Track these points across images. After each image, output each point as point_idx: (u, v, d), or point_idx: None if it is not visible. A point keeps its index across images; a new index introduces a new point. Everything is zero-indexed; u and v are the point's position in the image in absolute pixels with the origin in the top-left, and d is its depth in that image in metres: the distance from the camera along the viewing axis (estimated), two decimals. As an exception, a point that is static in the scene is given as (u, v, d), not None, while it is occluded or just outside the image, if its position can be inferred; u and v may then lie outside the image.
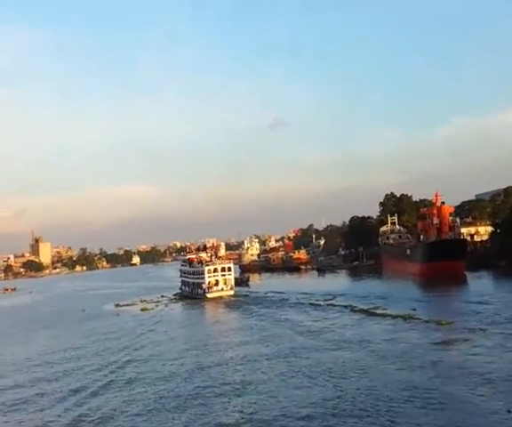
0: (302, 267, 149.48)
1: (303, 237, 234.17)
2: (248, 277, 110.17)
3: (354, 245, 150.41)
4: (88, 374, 39.49)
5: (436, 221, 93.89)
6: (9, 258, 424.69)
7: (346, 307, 59.06)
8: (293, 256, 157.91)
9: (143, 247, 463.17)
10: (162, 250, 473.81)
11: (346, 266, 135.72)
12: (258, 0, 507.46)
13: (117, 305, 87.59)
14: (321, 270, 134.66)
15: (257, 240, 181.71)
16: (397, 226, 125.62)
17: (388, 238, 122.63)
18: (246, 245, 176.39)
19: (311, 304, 65.15)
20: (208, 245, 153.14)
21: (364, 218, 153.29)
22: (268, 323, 54.92)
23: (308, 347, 40.94)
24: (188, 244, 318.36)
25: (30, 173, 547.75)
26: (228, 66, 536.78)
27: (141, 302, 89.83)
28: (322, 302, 65.38)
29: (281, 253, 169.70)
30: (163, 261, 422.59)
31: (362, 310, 55.41)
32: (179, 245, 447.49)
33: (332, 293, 74.21)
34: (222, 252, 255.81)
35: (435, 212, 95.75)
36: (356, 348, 39.11)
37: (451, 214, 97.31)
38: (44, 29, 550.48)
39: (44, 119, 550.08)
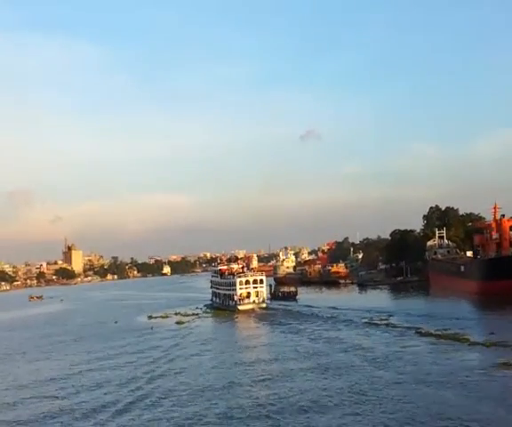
0: (341, 281, 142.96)
1: (338, 251, 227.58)
2: (296, 291, 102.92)
3: (395, 260, 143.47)
4: (123, 400, 34.25)
5: (495, 235, 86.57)
6: (41, 265, 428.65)
7: (409, 328, 52.10)
8: (331, 270, 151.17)
9: (173, 257, 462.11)
10: (192, 260, 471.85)
11: (388, 281, 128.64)
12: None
13: (150, 317, 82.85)
14: (362, 285, 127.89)
15: (292, 252, 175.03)
16: (446, 240, 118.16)
17: (435, 253, 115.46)
18: (282, 257, 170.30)
19: (366, 323, 58.45)
20: (239, 257, 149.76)
21: (406, 231, 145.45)
22: (323, 346, 48.02)
23: (383, 381, 33.98)
24: (217, 255, 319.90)
25: (65, 181, 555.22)
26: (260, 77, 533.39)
27: (175, 314, 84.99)
28: (378, 321, 58.85)
29: (318, 267, 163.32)
30: (193, 271, 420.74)
31: (430, 334, 48.24)
32: (209, 255, 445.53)
33: (383, 310, 68.85)
34: (255, 263, 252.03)
35: (493, 225, 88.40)
36: (451, 387, 31.45)
37: (511, 228, 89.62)
38: (99, 44, 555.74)
39: (80, 128, 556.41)
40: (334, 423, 27.11)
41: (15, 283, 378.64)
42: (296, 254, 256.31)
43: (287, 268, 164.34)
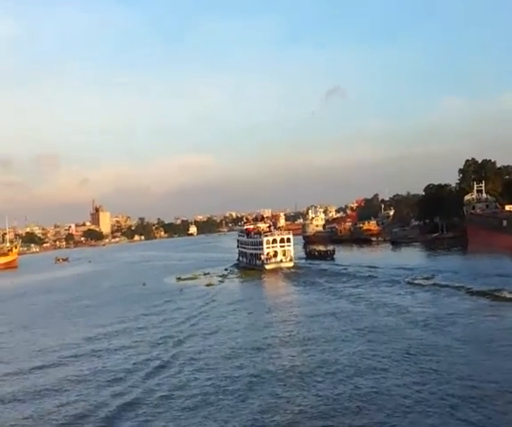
0: (373, 239, 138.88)
1: (367, 208, 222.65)
2: (334, 249, 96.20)
3: (429, 216, 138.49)
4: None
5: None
6: (70, 227, 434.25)
7: (457, 288, 47.96)
8: (363, 227, 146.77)
9: (199, 217, 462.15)
10: (218, 220, 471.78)
11: (423, 238, 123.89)
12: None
13: (179, 279, 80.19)
14: (396, 243, 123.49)
15: (322, 210, 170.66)
16: (484, 194, 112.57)
17: (473, 208, 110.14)
18: (310, 215, 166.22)
19: (409, 283, 54.35)
20: (265, 216, 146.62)
21: (440, 186, 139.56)
22: (365, 308, 44.20)
23: (440, 349, 30.12)
24: (243, 214, 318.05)
25: (92, 144, 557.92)
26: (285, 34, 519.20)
27: (204, 275, 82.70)
28: (421, 281, 54.58)
29: (348, 224, 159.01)
30: (219, 231, 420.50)
31: (483, 294, 44.04)
32: (234, 215, 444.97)
33: (424, 269, 64.92)
34: (282, 222, 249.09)
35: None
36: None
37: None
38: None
39: (106, 91, 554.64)
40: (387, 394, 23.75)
41: (44, 245, 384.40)
42: (324, 212, 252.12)
43: (316, 226, 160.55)
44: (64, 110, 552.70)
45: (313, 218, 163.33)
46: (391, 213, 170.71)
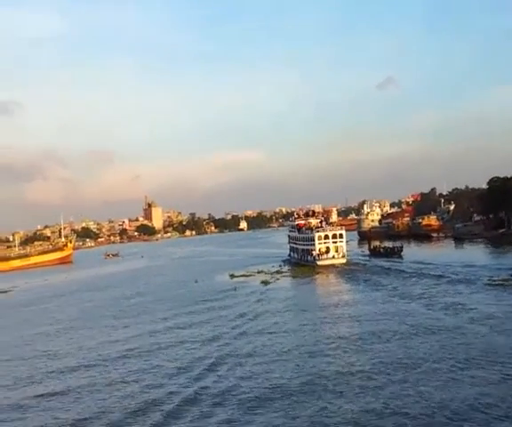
0: (433, 235, 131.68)
1: (424, 202, 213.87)
2: (402, 246, 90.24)
3: (493, 210, 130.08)
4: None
5: None
6: (124, 222, 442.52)
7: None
8: (422, 222, 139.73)
9: (249, 213, 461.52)
10: (268, 215, 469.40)
11: (488, 234, 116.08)
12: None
13: (232, 276, 77.32)
14: (459, 239, 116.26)
15: (378, 205, 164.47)
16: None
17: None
18: (366, 210, 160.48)
19: (489, 284, 48.57)
20: (316, 211, 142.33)
21: (506, 179, 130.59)
22: (441, 313, 39.22)
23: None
24: (293, 209, 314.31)
25: (143, 139, 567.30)
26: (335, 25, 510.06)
27: (258, 272, 79.38)
28: (502, 282, 48.73)
29: (406, 219, 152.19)
30: (269, 226, 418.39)
31: None
32: (284, 210, 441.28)
33: (499, 267, 59.05)
34: (334, 217, 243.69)
35: None
36: None
37: None
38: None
39: (156, 87, 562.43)
40: None
41: (99, 239, 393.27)
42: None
43: (372, 221, 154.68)
44: (116, 106, 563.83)
45: (368, 213, 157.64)
46: (451, 207, 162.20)
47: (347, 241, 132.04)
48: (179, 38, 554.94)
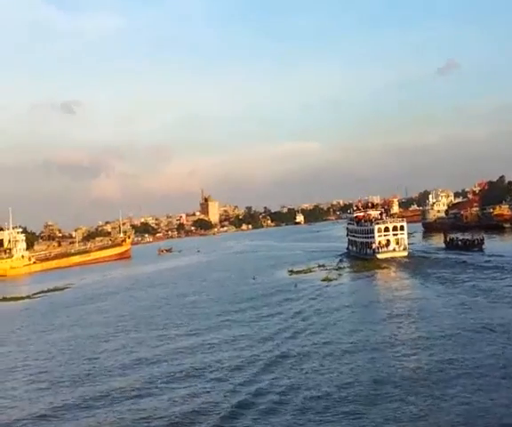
0: (506, 225, 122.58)
1: (492, 192, 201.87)
2: (483, 238, 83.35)
3: None
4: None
5: None
6: (181, 217, 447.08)
7: None
8: (493, 212, 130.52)
9: (306, 206, 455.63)
10: (325, 208, 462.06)
11: None
12: None
13: (291, 272, 73.04)
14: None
15: (444, 195, 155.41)
16: None
17: None
18: (431, 200, 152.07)
19: None
20: (375, 202, 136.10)
21: None
22: None
23: None
24: (351, 201, 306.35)
25: (199, 132, 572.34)
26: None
27: (318, 267, 74.97)
28: None
29: (475, 209, 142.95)
30: (326, 219, 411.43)
31: None
32: (342, 202, 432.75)
33: None
34: (395, 209, 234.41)
35: None
36: None
37: None
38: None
39: (209, 81, 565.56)
40: None
41: (157, 235, 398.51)
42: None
43: (438, 212, 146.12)
44: (172, 101, 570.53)
45: (434, 203, 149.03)
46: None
47: (411, 233, 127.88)
48: (232, 32, 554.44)
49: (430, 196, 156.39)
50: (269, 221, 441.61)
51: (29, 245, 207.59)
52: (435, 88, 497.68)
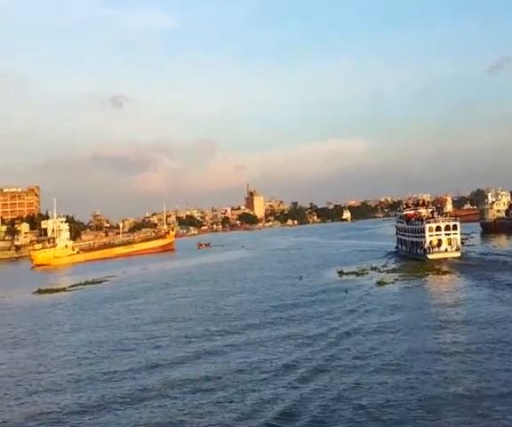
0: None
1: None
2: None
3: None
4: None
5: None
6: (226, 211, 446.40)
7: None
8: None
9: (353, 202, 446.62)
10: (372, 205, 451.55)
11: None
12: None
13: (341, 273, 67.08)
14: None
15: (505, 193, 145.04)
16: None
17: None
18: (490, 198, 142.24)
19: None
20: (426, 201, 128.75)
21: None
22: None
23: None
24: (399, 199, 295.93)
25: (245, 128, 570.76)
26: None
27: (372, 269, 69.01)
28: None
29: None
30: (374, 216, 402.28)
31: None
32: (390, 200, 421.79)
33: None
34: (449, 207, 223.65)
35: None
36: None
37: None
38: None
39: (254, 79, 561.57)
40: None
41: (203, 227, 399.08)
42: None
43: (498, 211, 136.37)
44: (220, 97, 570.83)
45: (493, 202, 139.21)
46: None
47: (468, 234, 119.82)
48: (277, 30, 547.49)
49: (489, 194, 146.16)
50: (315, 217, 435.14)
51: (76, 235, 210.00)
52: (484, 86, 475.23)
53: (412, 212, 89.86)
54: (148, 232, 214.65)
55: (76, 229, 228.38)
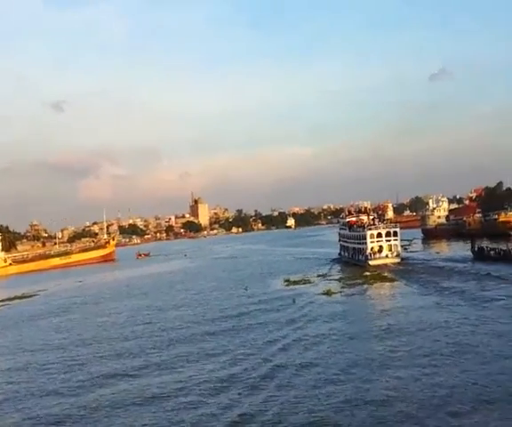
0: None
1: (489, 198, 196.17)
2: None
3: None
4: None
5: None
6: (170, 219, 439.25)
7: None
8: (498, 219, 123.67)
9: (296, 209, 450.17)
10: (316, 212, 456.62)
11: None
12: None
13: (288, 282, 65.05)
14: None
15: (445, 200, 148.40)
16: None
17: None
18: (431, 205, 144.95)
19: None
20: (368, 208, 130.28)
21: None
22: None
23: None
24: (342, 206, 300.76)
25: (191, 135, 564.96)
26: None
27: (318, 276, 67.33)
28: None
29: (478, 216, 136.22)
30: (317, 223, 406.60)
31: None
32: (333, 207, 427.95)
33: None
34: (390, 214, 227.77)
35: None
36: None
37: None
38: None
39: (204, 84, 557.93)
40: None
41: (146, 236, 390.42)
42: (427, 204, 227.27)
43: (438, 217, 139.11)
44: (166, 105, 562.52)
45: (434, 209, 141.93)
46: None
47: (411, 240, 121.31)
48: (230, 33, 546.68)
49: (430, 201, 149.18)
50: (260, 225, 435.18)
51: (11, 246, 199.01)
52: (424, 95, 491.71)
53: (354, 219, 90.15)
54: (87, 242, 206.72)
55: (11, 240, 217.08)
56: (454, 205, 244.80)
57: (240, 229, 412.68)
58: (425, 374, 26.04)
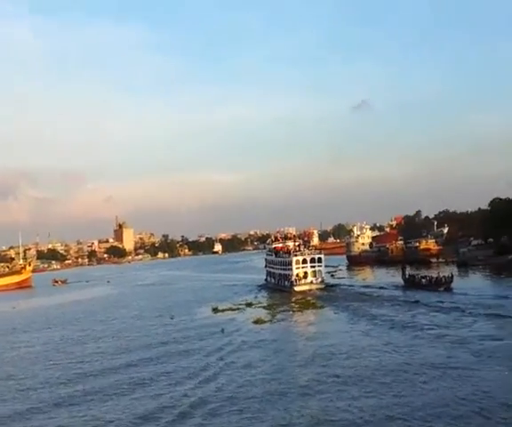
0: (432, 260, 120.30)
1: (409, 226, 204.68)
2: (452, 276, 71.38)
3: (493, 235, 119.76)
4: None
5: None
6: (93, 243, 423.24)
7: None
8: (419, 246, 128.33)
9: (224, 235, 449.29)
10: (243, 238, 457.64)
11: (494, 260, 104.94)
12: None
13: (215, 310, 62.90)
14: (463, 265, 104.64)
15: (368, 227, 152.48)
16: None
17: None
18: (355, 232, 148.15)
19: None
20: (294, 234, 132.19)
21: (509, 201, 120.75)
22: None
23: None
24: (268, 232, 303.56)
25: (115, 161, 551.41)
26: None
27: (247, 305, 65.89)
28: None
29: (400, 243, 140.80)
30: (244, 249, 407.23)
31: None
32: (259, 233, 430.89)
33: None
34: (316, 240, 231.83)
35: None
36: None
37: None
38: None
39: (131, 107, 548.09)
40: None
41: (66, 262, 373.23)
42: (349, 232, 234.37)
43: (362, 244, 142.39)
44: (87, 127, 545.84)
45: (358, 236, 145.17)
46: (445, 230, 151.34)
47: (336, 267, 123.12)
48: (157, 60, 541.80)
49: (355, 228, 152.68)
50: (187, 250, 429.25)
51: None
52: (349, 125, 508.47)
53: (280, 245, 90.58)
54: (1, 267, 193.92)
55: None
56: (376, 233, 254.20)
57: (166, 255, 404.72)
58: (353, 398, 26.03)
